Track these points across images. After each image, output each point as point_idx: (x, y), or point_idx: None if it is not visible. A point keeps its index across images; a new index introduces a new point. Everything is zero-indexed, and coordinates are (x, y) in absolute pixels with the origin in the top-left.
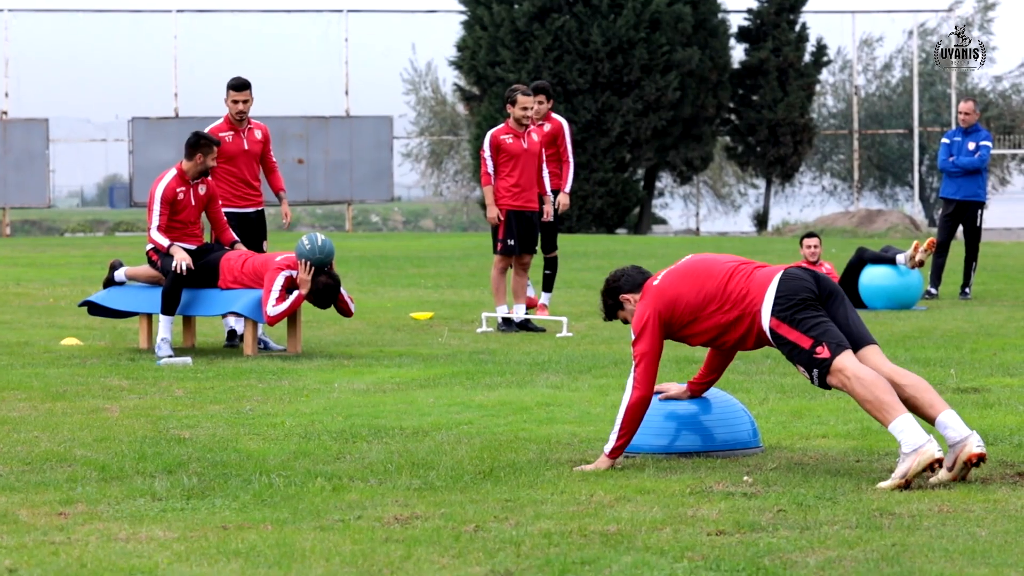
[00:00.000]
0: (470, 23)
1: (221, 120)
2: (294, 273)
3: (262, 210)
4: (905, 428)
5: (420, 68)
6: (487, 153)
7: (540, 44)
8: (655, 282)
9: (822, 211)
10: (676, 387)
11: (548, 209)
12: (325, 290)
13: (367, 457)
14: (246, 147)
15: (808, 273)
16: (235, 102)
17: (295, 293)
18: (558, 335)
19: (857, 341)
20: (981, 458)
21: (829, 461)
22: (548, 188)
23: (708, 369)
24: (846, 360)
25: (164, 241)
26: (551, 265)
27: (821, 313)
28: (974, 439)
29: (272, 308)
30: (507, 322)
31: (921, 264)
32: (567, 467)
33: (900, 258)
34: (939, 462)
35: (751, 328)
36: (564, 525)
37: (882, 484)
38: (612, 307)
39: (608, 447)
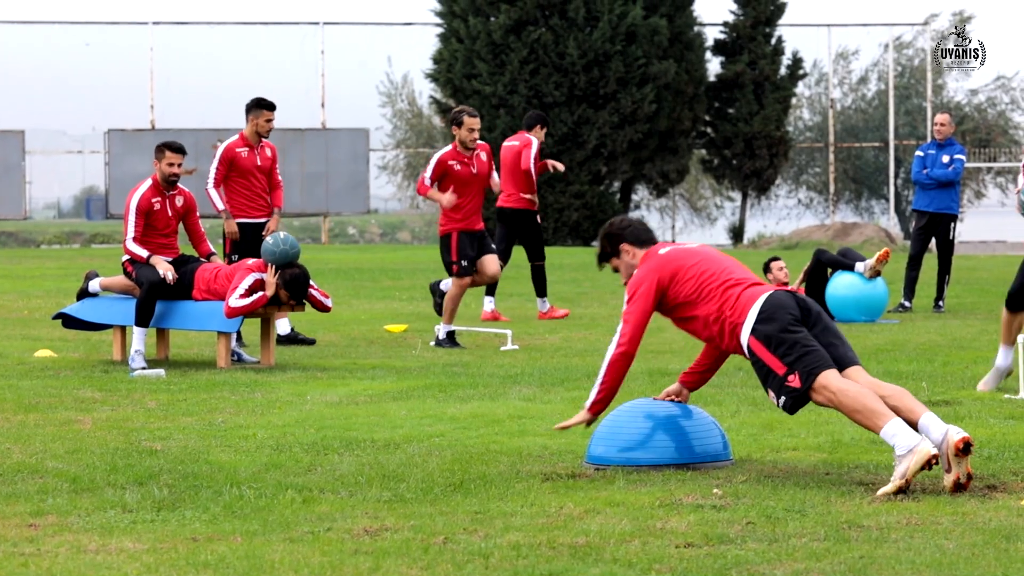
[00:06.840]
0: (446, 36)
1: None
2: (263, 276)
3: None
4: (897, 432)
5: (396, 81)
6: (428, 173)
7: (516, 57)
8: (662, 251)
9: (798, 224)
10: (673, 387)
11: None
12: (293, 281)
13: (338, 469)
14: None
15: (792, 297)
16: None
17: (260, 293)
18: (502, 347)
19: (840, 361)
20: (967, 443)
21: (799, 474)
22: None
23: (700, 363)
24: (829, 377)
25: (142, 252)
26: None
27: (801, 336)
28: (952, 429)
29: (234, 300)
30: (450, 337)
31: (878, 275)
32: (538, 479)
33: (859, 266)
34: (935, 458)
35: (731, 337)
36: (533, 537)
37: (883, 490)
38: (608, 253)
39: (589, 401)
